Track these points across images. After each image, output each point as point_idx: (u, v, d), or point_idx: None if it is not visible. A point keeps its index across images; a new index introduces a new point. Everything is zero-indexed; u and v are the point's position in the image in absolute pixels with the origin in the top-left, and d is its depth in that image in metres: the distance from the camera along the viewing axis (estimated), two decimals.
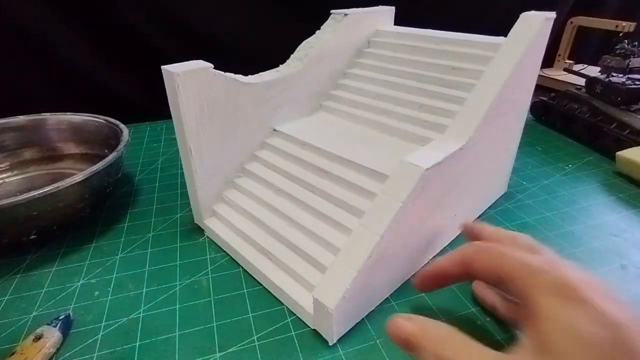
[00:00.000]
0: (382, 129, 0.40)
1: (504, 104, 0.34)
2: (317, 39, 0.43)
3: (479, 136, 0.31)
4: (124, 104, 0.65)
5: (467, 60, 0.38)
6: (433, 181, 0.28)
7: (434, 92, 0.39)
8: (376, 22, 0.47)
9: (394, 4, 0.48)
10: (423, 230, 0.31)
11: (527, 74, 0.36)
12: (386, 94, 0.42)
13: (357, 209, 0.31)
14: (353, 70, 0.46)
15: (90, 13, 0.59)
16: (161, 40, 0.63)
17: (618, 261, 0.35)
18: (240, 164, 0.40)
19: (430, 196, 0.29)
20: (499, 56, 0.33)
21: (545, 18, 0.34)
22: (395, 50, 0.44)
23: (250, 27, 0.66)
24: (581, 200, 0.44)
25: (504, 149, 0.40)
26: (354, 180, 0.33)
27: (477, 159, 0.34)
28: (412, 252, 0.32)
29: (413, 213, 0.28)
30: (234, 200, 0.38)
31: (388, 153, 0.31)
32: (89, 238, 0.38)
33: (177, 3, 0.63)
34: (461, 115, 0.32)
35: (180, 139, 0.34)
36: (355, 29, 0.45)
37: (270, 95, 0.39)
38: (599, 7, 0.92)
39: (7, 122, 0.47)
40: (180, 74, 0.30)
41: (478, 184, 0.37)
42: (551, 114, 0.63)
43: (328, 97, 0.46)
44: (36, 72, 0.61)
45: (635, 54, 0.59)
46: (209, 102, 0.34)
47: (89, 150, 0.49)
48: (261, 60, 0.42)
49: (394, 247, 0.28)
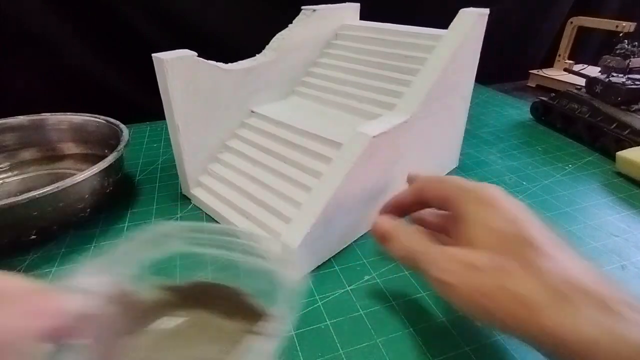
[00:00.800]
0: (346, 110, 0.46)
1: (445, 86, 0.40)
2: (290, 32, 0.48)
3: (422, 112, 0.38)
4: (124, 104, 0.65)
5: (417, 50, 0.44)
6: (381, 147, 0.34)
7: (389, 77, 0.45)
8: (343, 17, 0.53)
9: (360, 1, 0.54)
10: (377, 189, 0.37)
11: (465, 61, 0.43)
12: (350, 79, 0.48)
13: (320, 173, 0.37)
14: (322, 60, 0.52)
15: (90, 13, 0.59)
16: (162, 40, 0.63)
17: (618, 261, 0.35)
18: (222, 141, 0.45)
19: (381, 160, 0.35)
20: (440, 46, 0.40)
21: (479, 14, 0.40)
22: (358, 41, 0.50)
23: (236, 22, 0.68)
24: (581, 201, 0.44)
25: (451, 125, 0.47)
26: (318, 150, 0.39)
27: (424, 132, 0.40)
28: (368, 207, 0.36)
29: (365, 173, 0.34)
30: (217, 172, 0.43)
31: (348, 129, 0.35)
32: (89, 238, 0.38)
33: (178, 3, 0.63)
34: (407, 95, 0.38)
35: (169, 118, 0.39)
36: (323, 23, 0.51)
37: (248, 80, 0.45)
38: (599, 7, 0.92)
39: (7, 122, 0.47)
40: (169, 61, 0.36)
41: (427, 154, 0.44)
42: (551, 114, 0.63)
43: (300, 83, 0.52)
44: (36, 72, 0.61)
45: (635, 54, 0.59)
46: (194, 86, 0.39)
47: (89, 150, 0.49)
48: (244, 51, 0.46)
49: (348, 200, 0.34)
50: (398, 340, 0.28)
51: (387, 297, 0.31)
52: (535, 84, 0.87)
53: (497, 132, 0.62)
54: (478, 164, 0.52)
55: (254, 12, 0.68)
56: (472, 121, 0.66)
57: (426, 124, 0.40)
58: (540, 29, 0.92)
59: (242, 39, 0.65)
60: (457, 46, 0.39)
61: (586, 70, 0.73)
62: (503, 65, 0.91)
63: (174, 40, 0.41)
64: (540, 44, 0.95)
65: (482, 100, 0.75)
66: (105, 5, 0.59)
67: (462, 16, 0.40)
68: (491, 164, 0.52)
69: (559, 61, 0.87)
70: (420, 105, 0.37)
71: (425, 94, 0.37)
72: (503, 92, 0.81)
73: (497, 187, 0.25)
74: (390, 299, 0.31)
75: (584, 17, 0.82)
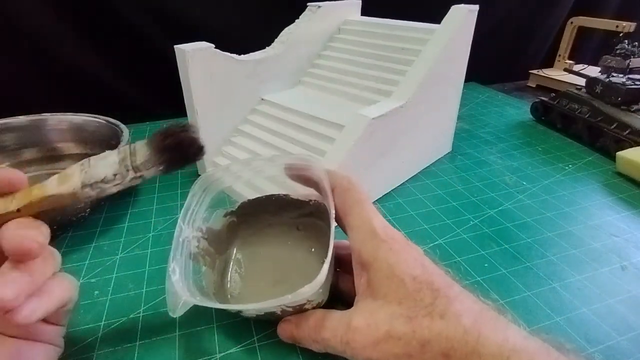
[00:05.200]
0: (348, 97, 0.50)
1: (438, 75, 0.44)
2: (297, 26, 0.53)
3: (416, 99, 0.42)
4: (124, 104, 0.65)
5: (412, 42, 0.48)
6: (379, 129, 0.38)
7: (387, 68, 0.49)
8: (345, 13, 0.57)
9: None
10: (375, 168, 0.41)
11: (457, 52, 0.47)
12: (351, 70, 0.52)
13: (325, 152, 0.39)
14: (326, 52, 0.56)
15: (90, 13, 0.59)
16: (162, 40, 0.63)
17: (618, 262, 0.35)
18: (235, 125, 0.49)
19: (379, 140, 0.39)
20: (433, 39, 0.44)
21: (468, 10, 0.44)
22: (360, 35, 0.55)
23: (239, 21, 0.68)
24: (581, 201, 0.44)
25: (444, 111, 0.51)
26: (323, 132, 0.42)
27: (418, 117, 0.44)
28: (369, 184, 0.40)
29: (366, 150, 0.38)
30: (230, 153, 0.47)
31: (350, 113, 0.39)
32: (89, 238, 0.38)
33: (178, 4, 0.63)
34: (402, 83, 0.42)
35: (189, 104, 0.43)
36: (327, 18, 0.55)
37: (259, 71, 0.49)
38: (599, 7, 0.92)
39: (7, 122, 0.47)
40: (190, 52, 0.40)
41: (422, 137, 0.47)
42: (551, 114, 0.63)
43: (306, 74, 0.56)
44: (36, 72, 0.60)
45: (635, 54, 0.59)
46: (211, 75, 0.43)
47: (89, 150, 0.49)
48: (252, 45, 0.50)
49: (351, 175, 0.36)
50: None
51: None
52: (536, 84, 0.87)
53: (497, 132, 0.62)
54: (478, 164, 0.52)
55: (258, 11, 0.68)
56: (472, 121, 0.66)
57: (420, 109, 0.44)
58: (540, 29, 0.92)
59: (244, 37, 0.65)
60: (449, 39, 0.43)
61: (586, 70, 0.73)
62: (503, 65, 0.91)
63: (176, 41, 0.41)
64: (540, 44, 0.95)
65: (482, 100, 0.75)
66: (106, 5, 0.59)
67: (454, 12, 0.44)
68: (491, 164, 0.52)
69: (559, 61, 0.87)
70: (414, 92, 0.41)
71: (420, 82, 0.41)
72: (503, 92, 0.81)
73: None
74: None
75: (584, 17, 0.82)
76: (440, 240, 0.37)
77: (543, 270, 0.34)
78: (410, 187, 0.46)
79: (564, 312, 0.30)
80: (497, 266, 0.34)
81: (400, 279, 0.22)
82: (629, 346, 0.27)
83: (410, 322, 0.21)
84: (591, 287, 0.32)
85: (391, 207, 0.43)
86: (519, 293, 0.31)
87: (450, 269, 0.25)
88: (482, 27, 0.48)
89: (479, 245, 0.37)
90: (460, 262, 0.35)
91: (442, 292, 0.22)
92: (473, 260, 0.35)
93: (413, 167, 0.49)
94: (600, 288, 0.32)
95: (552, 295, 0.31)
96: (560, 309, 0.30)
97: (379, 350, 0.22)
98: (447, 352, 0.20)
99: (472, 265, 0.34)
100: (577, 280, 0.33)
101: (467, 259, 0.35)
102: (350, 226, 0.26)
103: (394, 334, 0.21)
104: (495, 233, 0.38)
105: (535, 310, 0.30)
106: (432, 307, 0.21)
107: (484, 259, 0.35)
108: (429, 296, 0.22)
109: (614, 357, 0.26)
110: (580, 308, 0.30)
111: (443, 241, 0.37)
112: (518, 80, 0.91)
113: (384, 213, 0.40)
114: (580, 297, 0.31)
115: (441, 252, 0.36)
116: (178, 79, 0.42)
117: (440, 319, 0.21)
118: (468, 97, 0.76)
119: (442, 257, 0.35)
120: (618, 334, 0.28)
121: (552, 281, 0.33)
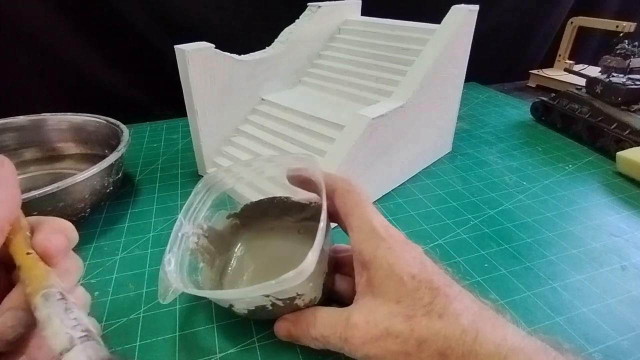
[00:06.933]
0: (348, 97, 0.50)
1: (438, 75, 0.44)
2: (297, 26, 0.53)
3: (416, 99, 0.42)
4: (124, 104, 0.65)
5: (412, 42, 0.48)
6: (379, 129, 0.38)
7: (387, 68, 0.49)
8: (345, 13, 0.57)
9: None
10: (375, 168, 0.41)
11: (457, 52, 0.47)
12: (351, 70, 0.52)
13: (325, 152, 0.39)
14: (326, 52, 0.56)
15: (91, 13, 0.59)
16: (162, 40, 0.63)
17: (618, 262, 0.35)
18: (235, 125, 0.49)
19: (379, 140, 0.39)
20: (433, 39, 0.43)
21: (469, 10, 0.44)
22: (360, 35, 0.54)
23: (240, 21, 0.68)
24: (581, 201, 0.44)
25: (444, 111, 0.50)
26: (323, 132, 0.42)
27: (418, 117, 0.44)
28: (369, 184, 0.41)
29: (366, 150, 0.38)
30: (231, 153, 0.47)
31: (350, 113, 0.39)
32: (90, 238, 0.38)
33: (178, 4, 0.63)
34: (402, 83, 0.42)
35: (189, 104, 0.43)
36: (327, 18, 0.55)
37: (259, 71, 0.49)
38: (599, 7, 0.92)
39: (7, 122, 0.47)
40: (190, 52, 0.39)
41: (421, 138, 0.47)
42: (551, 114, 0.63)
43: (305, 74, 0.56)
44: (36, 72, 0.60)
45: (635, 54, 0.58)
46: (211, 75, 0.42)
47: (89, 150, 0.49)
48: (253, 45, 0.50)
49: (351, 176, 0.35)
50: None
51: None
52: (536, 84, 0.87)
53: (497, 132, 0.62)
54: (478, 164, 0.52)
55: (258, 10, 0.68)
56: (472, 121, 0.66)
57: (420, 109, 0.44)
58: (540, 29, 0.92)
59: (244, 37, 0.65)
60: (449, 39, 0.43)
61: (586, 70, 0.72)
62: (503, 65, 0.91)
63: (176, 41, 0.41)
64: (540, 44, 0.95)
65: (482, 100, 0.75)
66: (106, 5, 0.59)
67: (454, 12, 0.44)
68: (491, 164, 0.52)
69: (559, 61, 0.87)
70: (414, 93, 0.41)
71: (420, 82, 0.41)
72: (503, 92, 0.81)
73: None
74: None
75: (584, 17, 0.82)
76: (440, 240, 0.37)
77: (543, 270, 0.34)
78: (410, 187, 0.46)
79: (564, 312, 0.30)
80: (497, 266, 0.34)
81: (399, 278, 0.23)
82: (629, 346, 0.27)
83: (409, 320, 0.21)
84: (591, 287, 0.32)
85: (391, 207, 0.43)
86: (519, 293, 0.31)
87: (450, 269, 0.25)
88: (482, 27, 0.48)
89: (479, 245, 0.37)
90: (460, 262, 0.35)
91: (441, 291, 0.22)
92: (473, 260, 0.35)
93: (413, 167, 0.49)
94: (600, 288, 0.32)
95: (552, 295, 0.31)
96: (560, 309, 0.30)
97: (377, 347, 0.22)
98: (445, 351, 0.20)
99: (472, 265, 0.34)
100: (577, 280, 0.33)
101: (467, 259, 0.35)
102: (351, 227, 0.26)
103: (392, 331, 0.22)
104: (495, 233, 0.38)
105: (535, 310, 0.30)
106: (431, 306, 0.21)
107: (484, 259, 0.35)
108: (428, 295, 0.22)
109: (614, 357, 0.26)
110: (580, 308, 0.30)
111: (443, 241, 0.37)
112: (518, 80, 0.91)
113: (384, 213, 0.40)
114: (580, 297, 0.31)
115: (441, 252, 0.36)
116: (178, 79, 0.42)
117: (438, 318, 0.21)
118: (468, 97, 0.76)
119: (442, 257, 0.35)
120: (618, 334, 0.28)
121: (552, 281, 0.33)
